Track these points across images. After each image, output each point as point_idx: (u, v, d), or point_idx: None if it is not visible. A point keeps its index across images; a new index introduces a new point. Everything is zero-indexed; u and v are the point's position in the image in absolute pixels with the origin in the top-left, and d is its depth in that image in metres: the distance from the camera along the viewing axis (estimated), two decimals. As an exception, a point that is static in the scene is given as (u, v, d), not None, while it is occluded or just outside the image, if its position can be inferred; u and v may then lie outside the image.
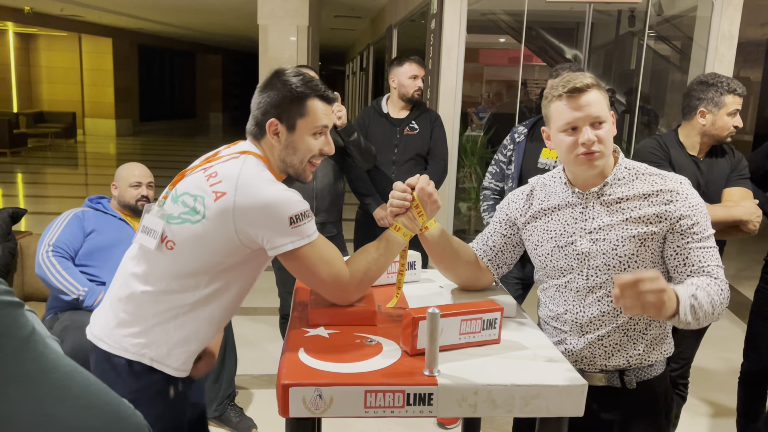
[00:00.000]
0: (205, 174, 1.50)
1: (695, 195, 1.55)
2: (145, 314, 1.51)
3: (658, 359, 1.64)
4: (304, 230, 1.47)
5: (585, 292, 1.60)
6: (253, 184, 1.45)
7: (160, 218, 1.51)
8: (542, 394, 1.29)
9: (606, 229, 1.56)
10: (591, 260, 1.58)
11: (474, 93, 11.06)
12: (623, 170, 1.59)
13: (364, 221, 3.42)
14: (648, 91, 7.15)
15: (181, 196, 1.51)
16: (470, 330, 1.44)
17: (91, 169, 11.63)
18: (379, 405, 1.26)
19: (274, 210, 1.43)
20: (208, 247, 1.47)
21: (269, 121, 1.54)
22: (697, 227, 1.52)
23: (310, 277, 1.52)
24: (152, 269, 1.51)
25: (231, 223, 1.44)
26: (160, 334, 1.51)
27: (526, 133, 2.83)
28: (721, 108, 2.38)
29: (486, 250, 1.78)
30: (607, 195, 1.58)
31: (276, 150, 1.57)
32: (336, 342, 1.45)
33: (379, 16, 10.32)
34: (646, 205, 1.54)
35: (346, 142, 2.94)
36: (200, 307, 1.52)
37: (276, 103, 1.54)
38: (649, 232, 1.53)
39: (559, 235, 1.62)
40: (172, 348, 1.52)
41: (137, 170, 2.81)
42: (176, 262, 1.49)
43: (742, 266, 6.18)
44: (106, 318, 1.57)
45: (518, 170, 2.80)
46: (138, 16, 13.41)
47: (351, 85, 18.47)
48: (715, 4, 4.65)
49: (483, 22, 7.62)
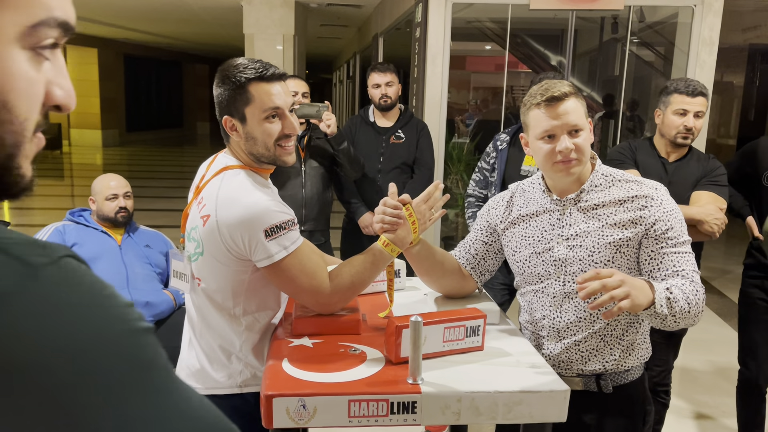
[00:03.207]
0: (197, 203, 1.55)
1: (670, 201, 1.57)
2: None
3: (635, 364, 1.65)
4: (281, 242, 1.45)
5: (561, 298, 1.62)
6: (231, 198, 1.46)
7: (188, 261, 1.58)
8: (525, 400, 1.30)
9: (582, 235, 1.58)
10: (568, 266, 1.60)
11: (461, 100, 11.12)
12: (600, 177, 1.61)
13: (350, 229, 3.42)
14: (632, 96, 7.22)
15: (190, 233, 1.58)
16: (454, 337, 1.45)
17: (77, 181, 11.55)
18: (363, 414, 1.26)
19: (249, 224, 1.43)
20: (220, 270, 1.51)
21: (223, 119, 1.54)
22: (671, 232, 1.53)
23: (291, 288, 1.52)
24: (201, 307, 1.59)
25: (219, 239, 1.46)
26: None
27: (509, 140, 2.86)
28: (668, 106, 2.47)
29: (468, 258, 1.80)
30: (583, 201, 1.60)
31: (241, 145, 1.55)
32: (320, 351, 1.45)
33: (365, 24, 10.37)
34: (622, 211, 1.56)
35: (336, 151, 2.95)
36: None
37: (223, 100, 1.52)
38: (624, 238, 1.55)
39: (537, 241, 1.64)
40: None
41: (113, 182, 2.78)
42: (209, 295, 1.55)
43: (726, 269, 6.23)
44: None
45: (501, 177, 2.83)
46: (124, 26, 13.36)
47: (338, 94, 18.50)
48: (695, 10, 4.71)
49: (468, 29, 7.67)
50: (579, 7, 4.94)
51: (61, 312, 0.45)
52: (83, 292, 0.47)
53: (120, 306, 0.49)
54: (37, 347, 0.44)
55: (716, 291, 5.40)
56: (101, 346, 0.46)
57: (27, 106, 0.52)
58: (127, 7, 10.34)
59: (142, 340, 0.49)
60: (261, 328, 1.57)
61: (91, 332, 0.46)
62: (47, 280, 0.46)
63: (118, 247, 2.71)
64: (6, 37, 0.49)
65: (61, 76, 0.54)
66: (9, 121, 0.50)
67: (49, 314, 0.45)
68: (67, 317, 0.46)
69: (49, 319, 0.45)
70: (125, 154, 15.84)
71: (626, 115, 6.73)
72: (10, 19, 0.49)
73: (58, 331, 0.45)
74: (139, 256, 2.73)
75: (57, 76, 0.54)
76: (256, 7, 7.75)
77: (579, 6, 4.93)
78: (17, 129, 0.51)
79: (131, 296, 2.57)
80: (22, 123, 0.52)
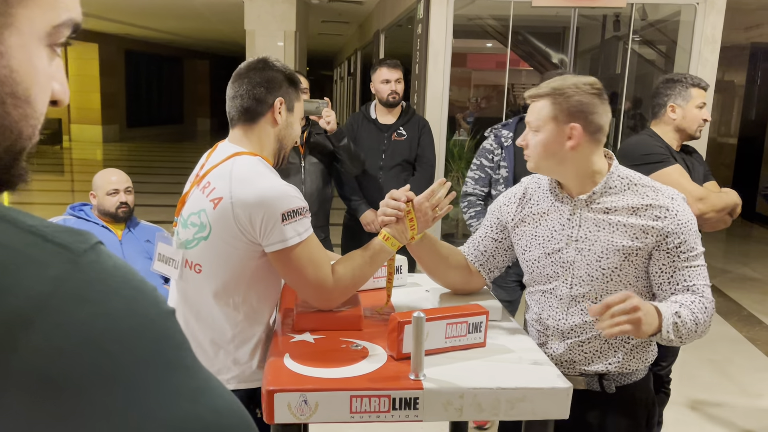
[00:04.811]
0: (200, 188, 1.52)
1: (686, 211, 1.53)
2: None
3: (639, 367, 1.63)
4: (296, 227, 1.45)
5: (568, 300, 1.60)
6: (247, 178, 1.45)
7: (179, 247, 1.54)
8: (528, 397, 1.29)
9: (592, 239, 1.55)
10: (575, 269, 1.57)
11: (462, 97, 11.10)
12: (615, 179, 1.56)
13: (351, 226, 3.42)
14: (633, 94, 7.21)
15: (188, 218, 1.54)
16: (456, 334, 1.45)
17: (77, 176, 11.54)
18: (364, 410, 1.26)
19: (268, 203, 1.42)
20: (228, 255, 1.47)
21: (277, 99, 1.56)
22: (684, 246, 1.50)
23: (296, 278, 1.50)
24: (193, 297, 1.55)
25: (232, 220, 1.44)
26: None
27: (512, 136, 2.83)
28: (689, 101, 2.47)
29: (477, 255, 1.78)
30: (596, 204, 1.56)
31: (274, 130, 1.58)
32: (321, 347, 1.45)
33: (367, 21, 10.35)
34: (635, 218, 1.52)
35: (336, 147, 2.95)
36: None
37: (281, 83, 1.57)
38: (634, 247, 1.51)
39: (547, 241, 1.62)
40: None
41: (114, 176, 2.77)
42: (209, 282, 1.51)
43: (726, 268, 6.24)
44: None
45: (512, 173, 2.78)
46: (124, 21, 13.34)
47: (339, 90, 18.48)
48: (698, 9, 4.70)
49: (470, 26, 7.65)
50: (581, 4, 4.93)
51: (106, 296, 0.48)
52: (120, 276, 0.50)
53: (151, 290, 0.52)
54: (89, 331, 0.47)
55: (717, 290, 5.40)
56: (143, 329, 0.49)
57: (44, 101, 0.55)
58: (128, 3, 10.32)
59: (172, 322, 0.53)
60: (256, 321, 1.55)
61: (133, 315, 0.49)
62: (89, 266, 0.49)
63: (119, 242, 2.71)
64: (37, 34, 0.52)
65: (60, 71, 0.57)
66: (30, 115, 0.53)
67: (96, 300, 0.48)
68: (111, 302, 0.48)
69: (97, 305, 0.48)
70: (125, 149, 15.83)
71: (628, 113, 6.72)
72: (41, 17, 0.52)
73: (105, 316, 0.48)
74: (139, 251, 2.72)
75: (57, 72, 0.57)
76: (258, 3, 7.73)
77: (581, 3, 4.92)
78: (35, 123, 0.54)
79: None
80: (39, 117, 0.54)
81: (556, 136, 1.52)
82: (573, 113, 1.50)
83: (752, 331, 4.57)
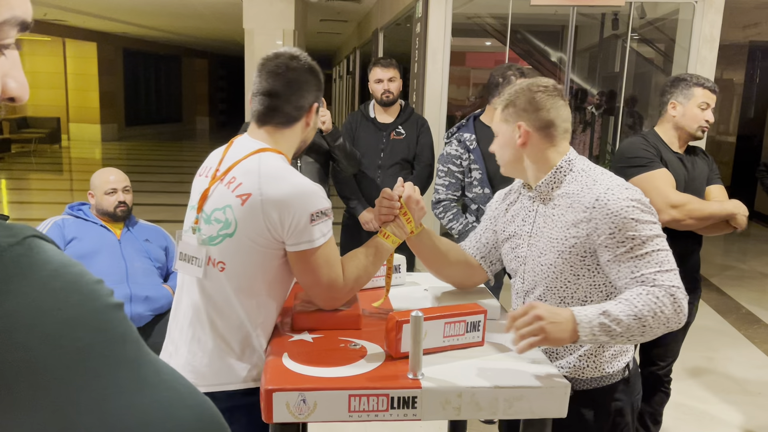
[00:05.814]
0: (225, 184, 1.48)
1: (618, 201, 1.42)
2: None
3: (595, 375, 1.57)
4: (322, 228, 1.45)
5: (523, 296, 1.64)
6: (277, 176, 1.44)
7: (201, 244, 1.50)
8: (526, 395, 1.29)
9: (539, 234, 1.58)
10: (527, 265, 1.61)
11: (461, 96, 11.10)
12: (566, 172, 1.54)
13: (350, 225, 3.42)
14: (632, 93, 7.21)
15: (212, 214, 1.50)
16: (454, 333, 1.45)
17: (75, 175, 11.53)
18: (363, 409, 1.26)
19: (298, 203, 1.42)
20: (254, 252, 1.45)
21: (314, 104, 1.58)
22: (619, 236, 1.41)
23: (311, 278, 1.49)
24: (216, 296, 1.50)
25: (260, 217, 1.42)
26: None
27: (475, 137, 2.81)
28: (690, 99, 2.46)
29: (479, 247, 1.79)
30: (550, 199, 1.57)
31: (302, 133, 1.60)
32: (320, 346, 1.45)
33: (365, 20, 10.34)
34: (570, 212, 1.50)
35: (332, 147, 2.94)
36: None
37: (316, 87, 1.58)
38: (568, 244, 1.49)
39: (513, 236, 1.66)
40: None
41: (112, 176, 2.76)
42: (232, 281, 1.48)
43: (726, 266, 6.24)
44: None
45: (485, 174, 2.77)
46: (123, 20, 13.32)
47: (338, 89, 18.47)
48: (696, 7, 4.70)
49: (468, 25, 7.65)
50: (580, 3, 4.93)
51: (31, 290, 0.47)
52: (50, 270, 0.49)
53: (90, 283, 0.51)
54: (9, 325, 0.46)
55: (715, 288, 5.40)
56: (74, 322, 0.49)
57: None
58: (127, 2, 10.31)
59: (114, 315, 0.52)
60: (272, 321, 1.55)
61: (64, 309, 0.48)
62: (12, 261, 0.48)
63: (118, 241, 2.70)
64: None
65: (15, 68, 0.56)
66: None
67: (18, 293, 0.47)
68: (37, 295, 0.48)
69: (18, 299, 0.47)
70: (124, 148, 15.81)
71: (626, 111, 6.73)
72: None
73: (29, 309, 0.47)
74: (138, 251, 2.72)
75: (12, 69, 0.56)
76: (256, 2, 7.72)
77: (580, 2, 4.92)
78: None
79: (131, 290, 2.57)
80: None
81: (508, 138, 1.58)
82: (519, 113, 1.56)
83: (751, 329, 4.58)
